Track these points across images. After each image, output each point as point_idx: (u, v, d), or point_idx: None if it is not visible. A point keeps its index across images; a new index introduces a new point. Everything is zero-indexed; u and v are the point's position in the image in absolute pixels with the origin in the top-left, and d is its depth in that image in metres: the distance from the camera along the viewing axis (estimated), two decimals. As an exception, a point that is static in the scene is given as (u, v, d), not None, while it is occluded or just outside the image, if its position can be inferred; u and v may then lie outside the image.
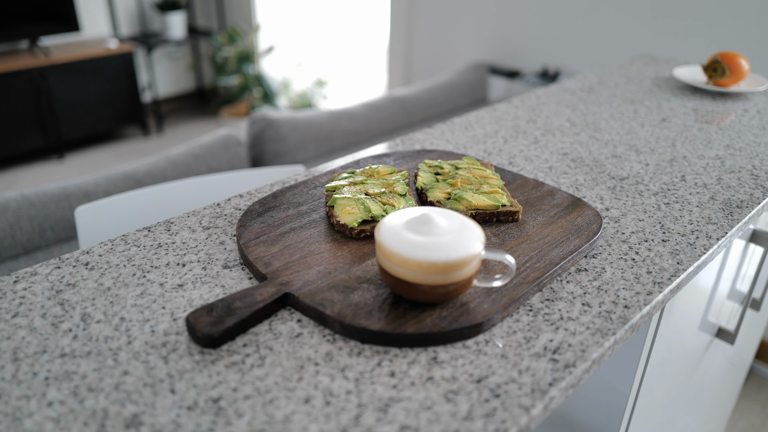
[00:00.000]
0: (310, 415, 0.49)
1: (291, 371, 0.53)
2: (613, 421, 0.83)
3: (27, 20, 3.31)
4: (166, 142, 3.78)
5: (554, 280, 0.67)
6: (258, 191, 0.85)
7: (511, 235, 0.73)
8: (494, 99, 2.56)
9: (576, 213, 0.77)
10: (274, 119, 1.77)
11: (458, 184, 0.80)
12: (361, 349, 0.56)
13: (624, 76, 1.45)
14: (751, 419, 1.83)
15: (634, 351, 0.77)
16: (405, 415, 0.49)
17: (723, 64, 1.29)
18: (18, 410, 0.48)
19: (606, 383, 0.82)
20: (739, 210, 0.83)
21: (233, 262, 0.68)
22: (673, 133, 1.10)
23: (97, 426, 0.47)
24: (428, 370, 0.54)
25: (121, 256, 0.69)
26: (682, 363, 0.96)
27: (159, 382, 0.51)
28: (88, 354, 0.54)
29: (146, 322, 0.59)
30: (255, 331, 0.58)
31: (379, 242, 0.58)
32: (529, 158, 0.99)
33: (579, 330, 0.59)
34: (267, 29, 4.00)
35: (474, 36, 2.74)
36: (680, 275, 0.68)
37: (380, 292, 0.61)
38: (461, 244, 0.57)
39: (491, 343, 0.57)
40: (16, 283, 0.64)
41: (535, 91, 1.34)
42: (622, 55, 2.27)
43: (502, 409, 0.50)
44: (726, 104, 1.26)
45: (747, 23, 1.93)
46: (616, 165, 0.97)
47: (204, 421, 0.48)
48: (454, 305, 0.59)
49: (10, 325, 0.58)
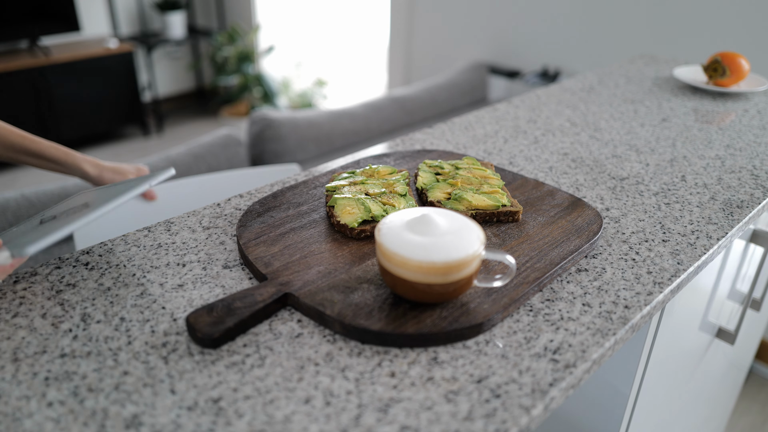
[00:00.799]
0: (310, 416, 0.49)
1: (291, 371, 0.53)
2: (613, 421, 0.83)
3: (27, 20, 3.31)
4: (166, 141, 3.78)
5: (554, 281, 0.67)
6: (258, 191, 0.85)
7: (511, 235, 0.73)
8: (494, 99, 2.56)
9: (576, 213, 0.77)
10: (274, 119, 1.77)
11: (458, 184, 0.80)
12: (362, 350, 0.56)
13: (624, 76, 1.44)
14: (751, 419, 1.83)
15: (635, 351, 0.77)
16: (405, 416, 0.49)
17: (723, 64, 1.29)
18: (18, 410, 0.48)
19: (606, 383, 0.82)
20: (739, 210, 0.83)
21: (233, 262, 0.68)
22: (673, 133, 1.10)
23: (97, 426, 0.47)
24: (428, 370, 0.53)
25: (121, 256, 0.69)
26: (682, 363, 0.96)
27: (159, 383, 0.51)
28: (88, 354, 0.54)
29: (146, 322, 0.59)
30: (255, 331, 0.58)
31: (380, 243, 0.58)
32: (529, 158, 0.99)
33: (579, 330, 0.59)
34: (267, 29, 4.00)
35: (474, 36, 2.74)
36: (680, 275, 0.68)
37: (380, 292, 0.61)
38: (461, 244, 0.57)
39: (491, 343, 0.57)
40: (16, 283, 0.64)
41: (535, 91, 1.34)
42: (622, 55, 2.27)
43: (502, 410, 0.49)
44: (726, 104, 1.26)
45: (747, 23, 1.93)
46: (617, 165, 0.97)
47: (204, 422, 0.48)
48: (454, 305, 0.59)
49: (10, 325, 0.58)
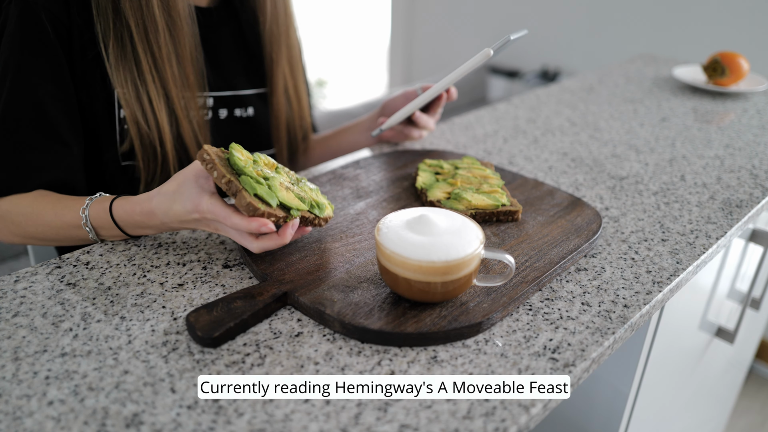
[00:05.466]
0: (310, 414, 0.49)
1: (291, 370, 0.53)
2: (613, 421, 0.83)
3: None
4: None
5: (554, 280, 0.67)
6: (258, 191, 0.85)
7: (510, 234, 0.73)
8: (494, 99, 2.56)
9: (576, 212, 0.77)
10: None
11: (458, 184, 0.81)
12: (361, 349, 0.56)
13: (624, 75, 1.45)
14: (750, 418, 1.83)
15: (634, 350, 0.77)
16: (405, 414, 0.49)
17: (723, 64, 1.29)
18: (18, 409, 0.49)
19: (606, 383, 0.82)
20: (738, 209, 0.83)
21: (233, 262, 0.69)
22: (672, 132, 1.11)
23: (97, 425, 0.47)
24: (428, 369, 0.54)
25: (121, 256, 0.69)
26: (681, 362, 0.96)
27: (159, 381, 0.52)
28: (88, 353, 0.55)
29: (146, 321, 0.59)
30: (255, 330, 0.58)
31: (379, 242, 0.58)
32: (529, 158, 0.99)
33: (578, 329, 0.59)
34: (267, 29, 3.99)
35: (474, 35, 2.74)
36: (680, 275, 0.68)
37: (380, 291, 0.61)
38: (461, 243, 0.57)
39: (491, 342, 0.57)
40: (17, 283, 0.64)
41: (535, 90, 1.34)
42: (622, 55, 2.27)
43: (501, 408, 0.50)
44: (725, 104, 1.26)
45: (747, 23, 1.93)
46: (616, 165, 0.97)
47: (204, 420, 0.48)
48: (453, 304, 0.60)
49: (11, 324, 0.58)
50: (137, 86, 0.81)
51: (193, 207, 0.63)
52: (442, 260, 0.55)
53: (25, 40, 0.76)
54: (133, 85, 0.81)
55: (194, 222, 0.65)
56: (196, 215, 0.64)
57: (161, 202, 0.66)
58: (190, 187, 0.64)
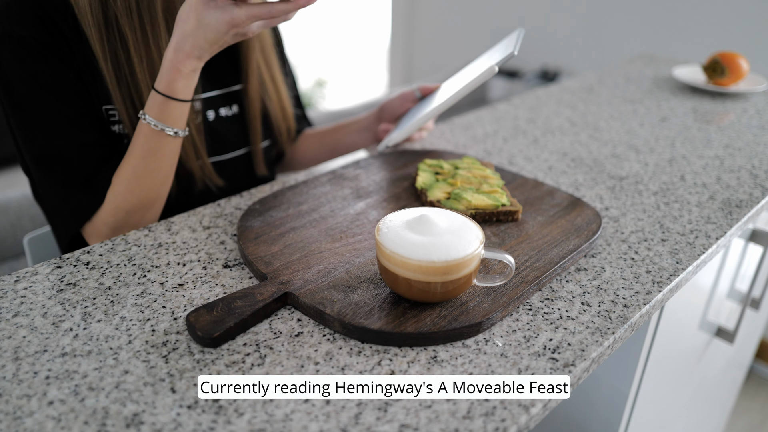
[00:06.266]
0: (310, 414, 0.49)
1: (291, 370, 0.53)
2: (613, 421, 0.83)
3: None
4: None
5: (554, 280, 0.67)
6: (258, 191, 0.86)
7: (510, 234, 0.73)
8: (494, 99, 2.56)
9: (575, 212, 0.77)
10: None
11: (458, 184, 0.81)
12: (361, 348, 0.56)
13: (624, 76, 1.45)
14: (750, 418, 1.83)
15: (634, 350, 0.77)
16: (405, 414, 0.49)
17: (722, 64, 1.29)
18: (19, 409, 0.49)
19: (606, 383, 0.82)
20: (738, 209, 0.83)
21: (233, 262, 0.69)
22: (672, 132, 1.11)
23: (97, 425, 0.47)
24: (428, 369, 0.54)
25: (121, 256, 0.70)
26: (681, 362, 0.96)
27: (159, 381, 0.52)
28: (88, 353, 0.55)
29: (147, 321, 0.59)
30: (255, 330, 0.58)
31: (379, 242, 0.58)
32: (528, 158, 0.99)
33: (578, 329, 0.59)
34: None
35: (474, 35, 2.74)
36: (679, 275, 0.68)
37: (380, 291, 0.61)
38: (461, 243, 0.57)
39: (491, 342, 0.57)
40: (17, 283, 0.64)
41: (535, 90, 1.34)
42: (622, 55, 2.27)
43: (501, 408, 0.50)
44: (725, 104, 1.26)
45: (747, 23, 1.93)
46: (616, 165, 0.97)
47: (204, 420, 0.48)
48: (453, 304, 0.60)
49: (11, 324, 0.58)
50: (135, 103, 0.82)
51: (228, 25, 0.67)
52: (442, 260, 0.56)
53: (33, 76, 0.77)
54: (131, 102, 0.82)
55: (231, 38, 0.71)
56: (233, 30, 0.68)
57: (193, 43, 0.70)
58: (209, 12, 0.68)
